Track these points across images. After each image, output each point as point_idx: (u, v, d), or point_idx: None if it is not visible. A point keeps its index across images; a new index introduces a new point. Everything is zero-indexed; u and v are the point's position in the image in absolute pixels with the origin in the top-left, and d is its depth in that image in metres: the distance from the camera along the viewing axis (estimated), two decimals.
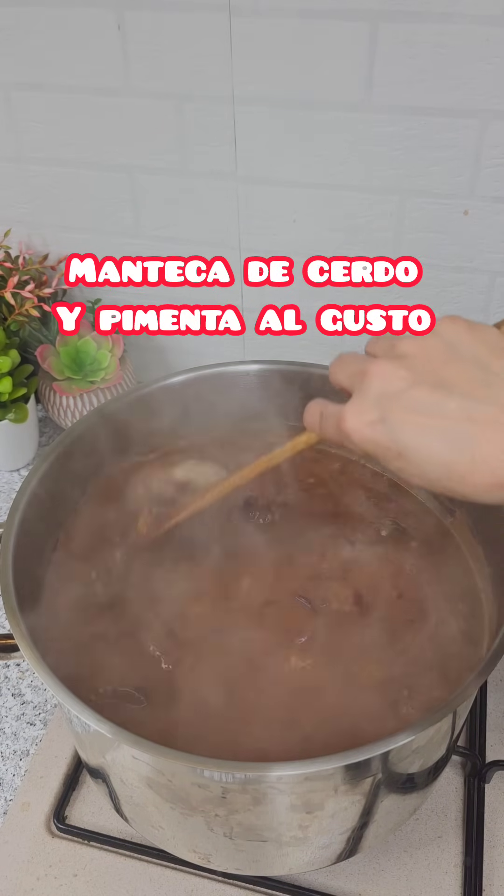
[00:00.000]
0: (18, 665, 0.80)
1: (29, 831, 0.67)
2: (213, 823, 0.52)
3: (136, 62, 0.83)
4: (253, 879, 0.64)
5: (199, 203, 0.92)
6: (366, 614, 0.61)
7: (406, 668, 0.58)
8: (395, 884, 0.64)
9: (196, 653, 0.59)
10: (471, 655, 0.59)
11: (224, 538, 0.66)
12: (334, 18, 0.75)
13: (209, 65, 0.81)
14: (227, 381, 0.74)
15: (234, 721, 0.55)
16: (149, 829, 0.59)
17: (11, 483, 1.00)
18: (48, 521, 0.64)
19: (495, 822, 0.67)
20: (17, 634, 0.53)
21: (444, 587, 0.64)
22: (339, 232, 0.90)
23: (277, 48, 0.78)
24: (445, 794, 0.69)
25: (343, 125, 0.81)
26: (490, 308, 0.91)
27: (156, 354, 1.08)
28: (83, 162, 0.92)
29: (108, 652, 0.60)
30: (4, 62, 0.86)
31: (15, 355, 0.92)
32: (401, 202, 0.85)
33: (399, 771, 0.52)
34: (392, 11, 0.73)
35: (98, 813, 0.68)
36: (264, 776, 0.46)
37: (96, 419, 0.70)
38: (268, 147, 0.85)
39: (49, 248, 1.01)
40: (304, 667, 0.58)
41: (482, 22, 0.72)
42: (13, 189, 0.97)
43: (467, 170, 0.81)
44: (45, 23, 0.82)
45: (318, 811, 0.51)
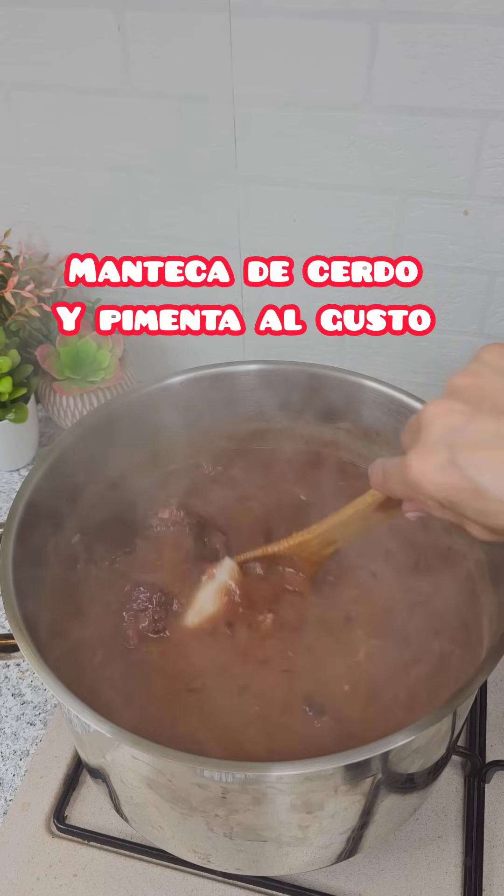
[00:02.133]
0: (18, 665, 0.80)
1: (29, 831, 0.67)
2: (213, 823, 0.52)
3: (136, 62, 0.83)
4: (253, 879, 0.64)
5: (199, 203, 0.92)
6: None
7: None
8: (395, 884, 0.64)
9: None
10: (470, 655, 0.59)
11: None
12: (334, 18, 0.75)
13: (209, 65, 0.81)
14: (227, 381, 0.74)
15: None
16: (149, 829, 0.59)
17: (11, 483, 1.00)
18: (48, 520, 0.64)
19: (495, 822, 0.67)
20: (17, 634, 0.53)
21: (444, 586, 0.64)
22: (338, 232, 0.90)
23: (277, 48, 0.78)
24: (445, 794, 0.69)
25: (343, 125, 0.81)
26: (490, 308, 0.91)
27: (156, 354, 1.08)
28: (83, 162, 0.92)
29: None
30: (4, 62, 0.86)
31: (15, 355, 0.92)
32: (401, 202, 0.85)
33: (399, 771, 0.52)
34: (392, 11, 0.73)
35: (98, 813, 0.68)
36: (264, 776, 0.46)
37: (96, 419, 0.70)
38: (268, 147, 0.85)
39: (49, 248, 1.01)
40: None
41: (482, 22, 0.72)
42: (13, 189, 0.97)
43: (467, 170, 0.81)
44: (45, 23, 0.82)
45: (318, 811, 0.51)
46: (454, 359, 0.97)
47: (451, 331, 0.95)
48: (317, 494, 0.73)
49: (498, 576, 0.60)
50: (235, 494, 0.73)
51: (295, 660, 0.60)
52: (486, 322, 0.93)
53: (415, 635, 0.61)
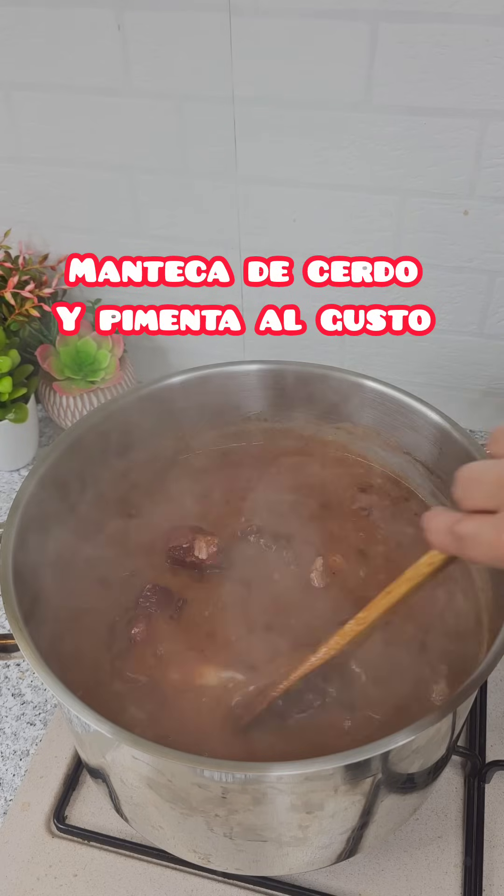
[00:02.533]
0: (18, 665, 0.80)
1: (29, 831, 0.67)
2: (213, 823, 0.52)
3: (136, 62, 0.83)
4: (253, 879, 0.64)
5: (199, 203, 0.92)
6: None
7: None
8: (395, 884, 0.64)
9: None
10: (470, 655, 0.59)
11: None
12: (334, 18, 0.75)
13: (209, 65, 0.81)
14: (227, 381, 0.74)
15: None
16: (149, 829, 0.59)
17: (11, 483, 1.00)
18: (48, 521, 0.64)
19: (495, 822, 0.67)
20: (17, 634, 0.53)
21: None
22: (338, 232, 0.90)
23: (277, 48, 0.78)
24: (445, 794, 0.69)
25: (343, 125, 0.81)
26: (490, 308, 0.91)
27: (156, 354, 1.08)
28: (83, 162, 0.92)
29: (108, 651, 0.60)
30: (4, 62, 0.86)
31: (15, 355, 0.92)
32: (401, 202, 0.85)
33: (399, 771, 0.52)
34: (392, 11, 0.73)
35: (98, 813, 0.68)
36: (264, 776, 0.46)
37: (96, 419, 0.70)
38: (268, 147, 0.85)
39: (49, 248, 1.01)
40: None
41: (482, 22, 0.72)
42: (13, 189, 0.97)
43: (467, 170, 0.81)
44: (45, 23, 0.82)
45: (318, 811, 0.51)
46: (454, 359, 0.97)
47: (451, 331, 0.95)
48: (317, 494, 0.73)
49: (498, 574, 0.61)
50: (235, 494, 0.73)
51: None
52: (486, 322, 0.93)
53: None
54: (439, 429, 0.68)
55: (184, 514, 0.70)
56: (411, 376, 0.99)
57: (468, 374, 0.98)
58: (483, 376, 0.98)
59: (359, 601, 0.52)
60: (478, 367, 0.97)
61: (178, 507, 0.72)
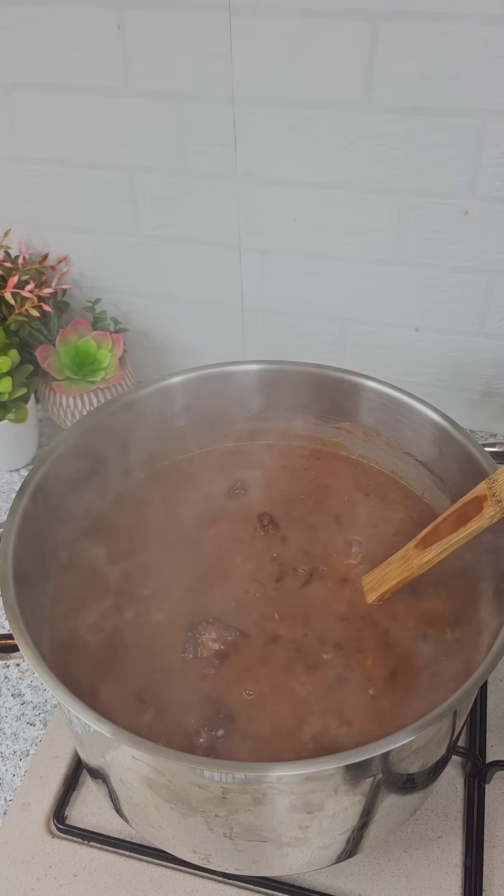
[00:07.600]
0: (18, 665, 0.80)
1: (29, 831, 0.67)
2: (213, 824, 0.52)
3: (136, 62, 0.83)
4: (253, 880, 0.64)
5: (198, 203, 0.92)
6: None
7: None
8: (395, 884, 0.64)
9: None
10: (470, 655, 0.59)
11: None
12: (334, 18, 0.75)
13: (209, 65, 0.81)
14: (227, 381, 0.74)
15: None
16: (149, 829, 0.59)
17: (11, 483, 1.00)
18: (48, 521, 0.64)
19: (495, 822, 0.67)
20: (17, 634, 0.53)
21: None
22: (339, 232, 0.90)
23: (277, 48, 0.78)
24: (445, 794, 0.69)
25: (343, 125, 0.81)
26: (490, 308, 0.91)
27: (156, 354, 1.08)
28: (83, 162, 0.92)
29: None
30: (4, 62, 0.86)
31: (15, 355, 0.92)
32: (401, 202, 0.85)
33: (399, 771, 0.52)
34: (392, 11, 0.73)
35: (98, 813, 0.68)
36: (264, 776, 0.46)
37: (96, 419, 0.70)
38: (268, 147, 0.85)
39: (49, 248, 1.01)
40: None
41: (482, 22, 0.72)
42: (13, 189, 0.97)
43: (467, 170, 0.81)
44: (45, 23, 0.82)
45: (318, 811, 0.51)
46: (454, 359, 0.97)
47: (451, 331, 0.95)
48: (317, 495, 0.73)
49: (498, 573, 0.60)
50: (234, 494, 0.73)
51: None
52: (486, 322, 0.93)
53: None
54: (439, 429, 0.68)
55: (184, 514, 0.71)
56: (411, 376, 0.99)
57: (468, 374, 0.98)
58: (483, 376, 0.98)
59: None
60: (478, 367, 0.97)
61: (179, 506, 0.72)
